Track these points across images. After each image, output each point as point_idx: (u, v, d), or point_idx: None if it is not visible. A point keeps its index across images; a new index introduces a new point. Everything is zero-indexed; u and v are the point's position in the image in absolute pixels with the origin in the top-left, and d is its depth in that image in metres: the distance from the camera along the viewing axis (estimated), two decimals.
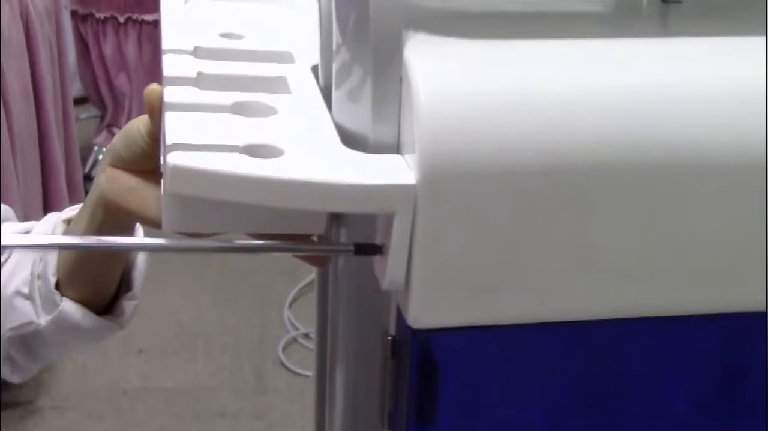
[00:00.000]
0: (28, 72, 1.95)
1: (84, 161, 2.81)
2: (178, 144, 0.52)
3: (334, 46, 0.59)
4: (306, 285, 2.49)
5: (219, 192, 0.51)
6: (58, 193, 2.12)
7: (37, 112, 2.02)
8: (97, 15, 2.96)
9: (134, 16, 2.93)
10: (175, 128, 0.54)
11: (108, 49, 2.98)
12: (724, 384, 0.58)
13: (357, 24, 0.54)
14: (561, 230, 0.52)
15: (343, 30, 0.57)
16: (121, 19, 2.94)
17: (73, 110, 2.40)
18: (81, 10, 2.97)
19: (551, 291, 0.53)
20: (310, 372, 0.77)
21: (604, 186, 0.51)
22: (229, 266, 2.61)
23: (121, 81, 3.03)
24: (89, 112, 3.31)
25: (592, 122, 0.51)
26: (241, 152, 0.52)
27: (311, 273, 2.49)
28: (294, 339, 2.35)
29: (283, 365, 2.27)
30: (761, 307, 0.55)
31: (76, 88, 3.00)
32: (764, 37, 0.54)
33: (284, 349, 2.31)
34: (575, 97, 0.51)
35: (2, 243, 0.54)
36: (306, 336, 2.35)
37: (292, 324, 2.39)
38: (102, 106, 3.11)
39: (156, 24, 2.87)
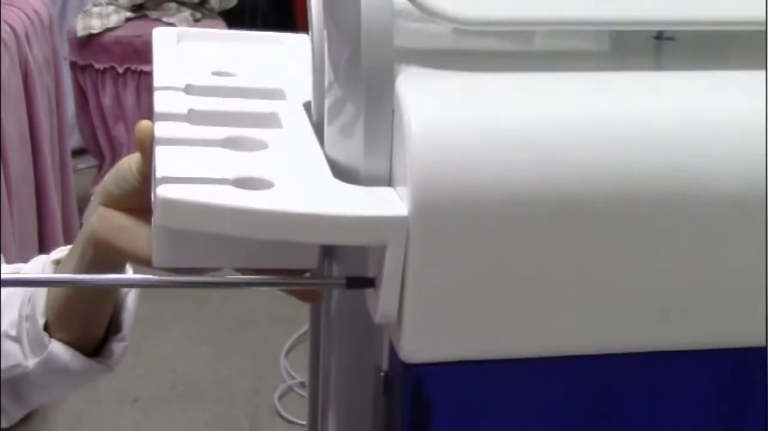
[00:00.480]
0: (25, 119, 1.96)
1: (81, 210, 2.80)
2: (168, 177, 0.51)
3: (327, 82, 0.59)
4: (303, 334, 2.47)
5: (209, 225, 0.50)
6: (54, 240, 2.11)
7: (34, 159, 2.03)
8: (96, 66, 2.98)
9: (133, 67, 2.95)
10: (165, 161, 0.54)
11: (107, 99, 3.00)
12: (725, 420, 0.57)
13: (349, 59, 0.54)
14: (556, 262, 0.51)
15: (335, 65, 0.57)
16: (120, 70, 2.96)
17: (70, 159, 2.40)
18: (80, 61, 2.99)
19: (547, 325, 0.52)
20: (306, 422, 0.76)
21: (599, 219, 0.51)
22: (225, 315, 2.59)
23: (119, 131, 3.04)
24: (87, 162, 3.32)
25: (585, 153, 0.50)
26: (231, 185, 0.52)
27: (308, 321, 2.48)
28: (290, 388, 2.33)
29: (278, 414, 2.24)
30: (762, 343, 0.55)
31: (74, 140, 3.01)
32: (760, 71, 0.54)
33: (280, 398, 2.29)
34: (568, 129, 0.51)
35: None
36: (302, 385, 2.33)
37: (289, 373, 2.37)
38: (100, 156, 3.12)
39: None
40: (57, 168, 2.26)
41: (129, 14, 3.01)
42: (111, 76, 2.97)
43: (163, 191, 0.50)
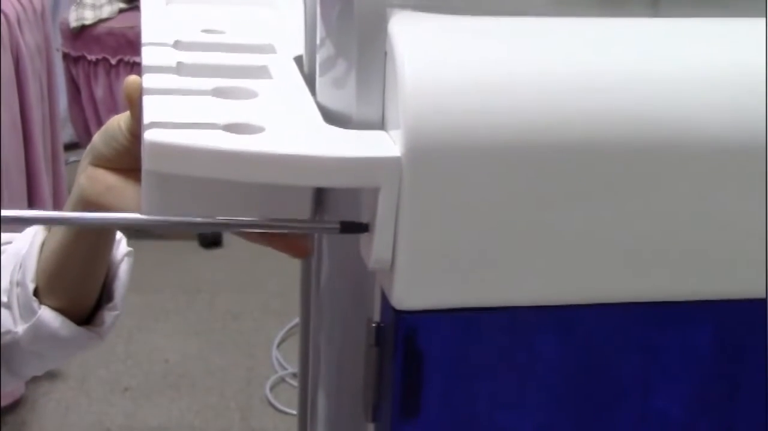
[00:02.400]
0: (16, 104, 1.95)
1: None
2: (157, 122, 0.50)
3: (319, 29, 0.58)
4: (294, 326, 2.46)
5: (199, 169, 0.49)
6: None
7: (25, 146, 2.01)
8: (89, 57, 2.96)
9: (126, 58, 2.94)
10: (153, 108, 0.53)
11: (99, 90, 2.99)
12: (721, 376, 0.57)
13: (341, 12, 0.54)
14: (550, 209, 0.50)
15: (327, 22, 0.57)
16: (113, 61, 2.95)
17: (62, 149, 2.39)
18: (73, 53, 2.97)
19: (540, 273, 0.52)
20: None
21: (595, 165, 0.50)
22: (217, 306, 2.59)
23: None
24: (79, 155, 3.29)
25: (581, 99, 0.50)
26: (221, 130, 0.51)
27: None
28: (282, 379, 2.32)
29: (270, 404, 2.23)
30: (761, 294, 0.54)
31: (67, 134, 3.00)
32: (761, 18, 0.53)
33: (272, 388, 2.28)
34: (563, 74, 0.50)
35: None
36: (294, 376, 2.32)
37: (280, 364, 2.36)
38: None
39: None
40: (49, 158, 2.24)
41: (122, 5, 3.00)
42: (104, 67, 2.96)
43: (151, 135, 0.49)
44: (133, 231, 0.65)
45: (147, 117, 0.51)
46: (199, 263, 2.76)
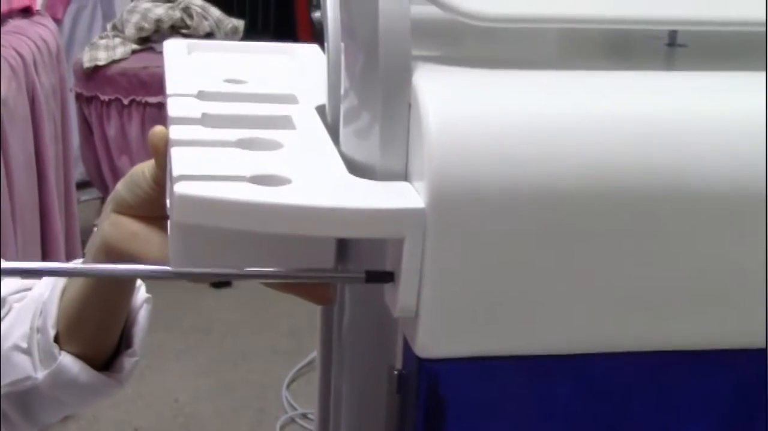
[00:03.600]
0: (31, 145, 1.96)
1: (84, 242, 2.81)
2: (186, 175, 0.51)
3: (343, 80, 0.59)
4: (304, 366, 2.46)
5: (229, 221, 0.50)
6: None
7: (39, 185, 2.03)
8: (102, 97, 2.99)
9: (138, 99, 2.97)
10: (181, 160, 0.54)
11: (111, 130, 3.01)
12: (739, 426, 0.57)
13: (365, 65, 0.55)
14: (573, 258, 0.51)
15: (351, 73, 0.58)
16: (125, 102, 2.97)
17: (74, 188, 2.41)
18: (86, 93, 3.00)
19: (564, 322, 0.52)
20: None
21: (616, 215, 0.51)
22: (227, 347, 2.59)
23: (123, 162, 3.04)
24: (91, 194, 3.33)
25: (603, 150, 0.50)
26: (248, 182, 0.52)
27: (310, 353, 2.47)
28: (292, 419, 2.32)
29: None
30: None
31: (78, 173, 3.02)
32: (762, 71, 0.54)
33: (281, 429, 2.27)
34: (584, 124, 0.51)
35: (3, 267, 0.53)
36: (304, 416, 2.32)
37: (290, 404, 2.35)
38: (104, 187, 3.12)
39: (160, 106, 2.90)
40: (62, 197, 2.26)
41: (135, 46, 3.03)
42: (116, 107, 2.99)
43: (180, 188, 0.50)
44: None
45: (176, 169, 0.52)
46: (210, 303, 2.77)
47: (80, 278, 0.75)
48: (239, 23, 3.23)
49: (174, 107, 0.62)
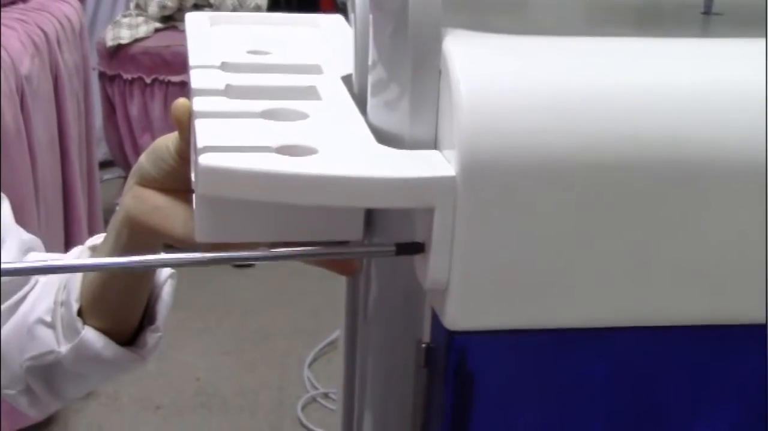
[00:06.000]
0: (54, 123, 1.96)
1: (107, 221, 2.81)
2: (210, 146, 0.50)
3: (371, 49, 0.58)
4: (326, 345, 2.46)
5: (254, 192, 0.49)
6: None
7: (62, 163, 2.03)
8: (125, 76, 2.99)
9: (161, 77, 2.96)
10: (206, 132, 0.53)
11: (134, 109, 3.01)
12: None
13: (394, 32, 0.54)
14: (603, 229, 0.50)
15: (379, 43, 0.57)
16: (148, 80, 2.97)
17: (97, 167, 2.41)
18: (108, 71, 3.00)
19: (593, 294, 0.51)
20: None
21: (652, 185, 0.50)
22: (248, 326, 2.59)
23: (145, 141, 3.04)
24: (113, 173, 3.33)
25: (637, 118, 0.49)
26: (274, 152, 0.51)
27: (332, 333, 2.47)
28: (313, 399, 2.32)
29: (301, 424, 2.23)
30: None
31: (101, 152, 3.02)
32: None
33: (303, 408, 2.28)
34: (618, 92, 0.50)
35: (23, 266, 0.53)
36: (325, 395, 2.32)
37: (312, 384, 2.35)
38: (126, 166, 3.13)
39: (182, 85, 2.90)
40: (84, 176, 2.26)
41: (158, 25, 3.03)
42: (139, 86, 2.99)
43: (205, 160, 0.49)
44: (167, 248, 0.64)
45: (200, 141, 0.51)
46: (231, 282, 2.77)
47: (104, 248, 0.74)
48: (262, 1, 3.22)
49: (197, 79, 0.61)
